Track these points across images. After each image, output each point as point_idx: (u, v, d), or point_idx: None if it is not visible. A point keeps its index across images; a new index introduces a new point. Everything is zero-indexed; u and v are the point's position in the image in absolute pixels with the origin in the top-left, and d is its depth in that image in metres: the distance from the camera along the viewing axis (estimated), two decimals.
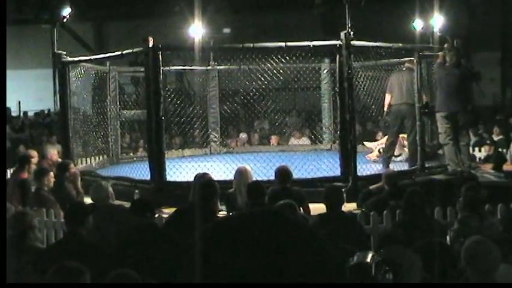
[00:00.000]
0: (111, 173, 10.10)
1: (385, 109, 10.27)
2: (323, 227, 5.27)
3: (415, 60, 9.94)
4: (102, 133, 11.63)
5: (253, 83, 11.97)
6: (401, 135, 10.41)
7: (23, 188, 8.17)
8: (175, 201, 7.42)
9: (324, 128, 13.33)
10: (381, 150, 10.80)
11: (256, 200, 6.14)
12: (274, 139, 13.84)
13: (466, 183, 6.66)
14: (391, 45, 9.76)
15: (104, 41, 22.49)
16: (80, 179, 8.58)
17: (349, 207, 7.55)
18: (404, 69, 10.30)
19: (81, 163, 11.08)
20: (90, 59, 11.39)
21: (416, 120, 9.86)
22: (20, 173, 8.55)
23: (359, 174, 8.85)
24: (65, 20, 11.07)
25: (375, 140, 11.97)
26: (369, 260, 3.10)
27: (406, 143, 10.43)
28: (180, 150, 12.82)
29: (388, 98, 10.19)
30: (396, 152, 10.66)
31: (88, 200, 7.00)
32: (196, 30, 11.19)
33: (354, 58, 9.05)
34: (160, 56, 8.92)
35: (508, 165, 10.30)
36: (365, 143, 11.78)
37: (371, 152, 11.18)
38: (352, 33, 8.75)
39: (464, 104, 9.41)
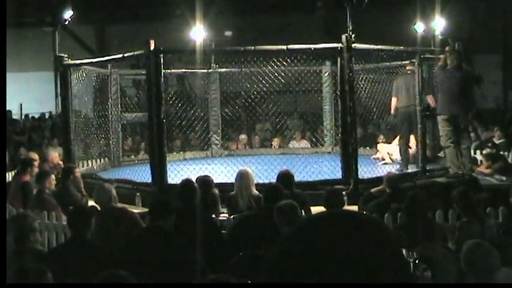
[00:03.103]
0: (112, 176, 10.10)
1: (392, 112, 10.26)
2: None
3: (416, 63, 9.96)
4: (103, 136, 11.64)
5: (255, 85, 11.98)
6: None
7: (25, 190, 8.18)
8: (176, 204, 7.39)
9: (325, 130, 13.33)
10: (390, 153, 10.86)
11: (274, 203, 5.86)
12: (275, 142, 13.83)
13: (461, 187, 6.66)
14: (392, 48, 9.78)
15: (106, 43, 22.49)
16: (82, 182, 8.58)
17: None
18: (409, 72, 10.29)
19: (83, 166, 11.09)
20: (92, 62, 11.39)
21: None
22: (22, 176, 8.56)
23: (360, 177, 8.86)
24: (66, 22, 11.07)
25: (377, 143, 11.98)
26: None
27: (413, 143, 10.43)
28: (181, 152, 12.83)
29: (394, 101, 10.18)
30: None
31: (91, 203, 7.00)
32: (198, 33, 11.18)
33: (355, 61, 9.06)
34: (161, 59, 8.94)
35: (481, 167, 10.23)
36: (378, 145, 11.76)
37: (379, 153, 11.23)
38: (353, 36, 8.76)
39: (466, 107, 9.41)
